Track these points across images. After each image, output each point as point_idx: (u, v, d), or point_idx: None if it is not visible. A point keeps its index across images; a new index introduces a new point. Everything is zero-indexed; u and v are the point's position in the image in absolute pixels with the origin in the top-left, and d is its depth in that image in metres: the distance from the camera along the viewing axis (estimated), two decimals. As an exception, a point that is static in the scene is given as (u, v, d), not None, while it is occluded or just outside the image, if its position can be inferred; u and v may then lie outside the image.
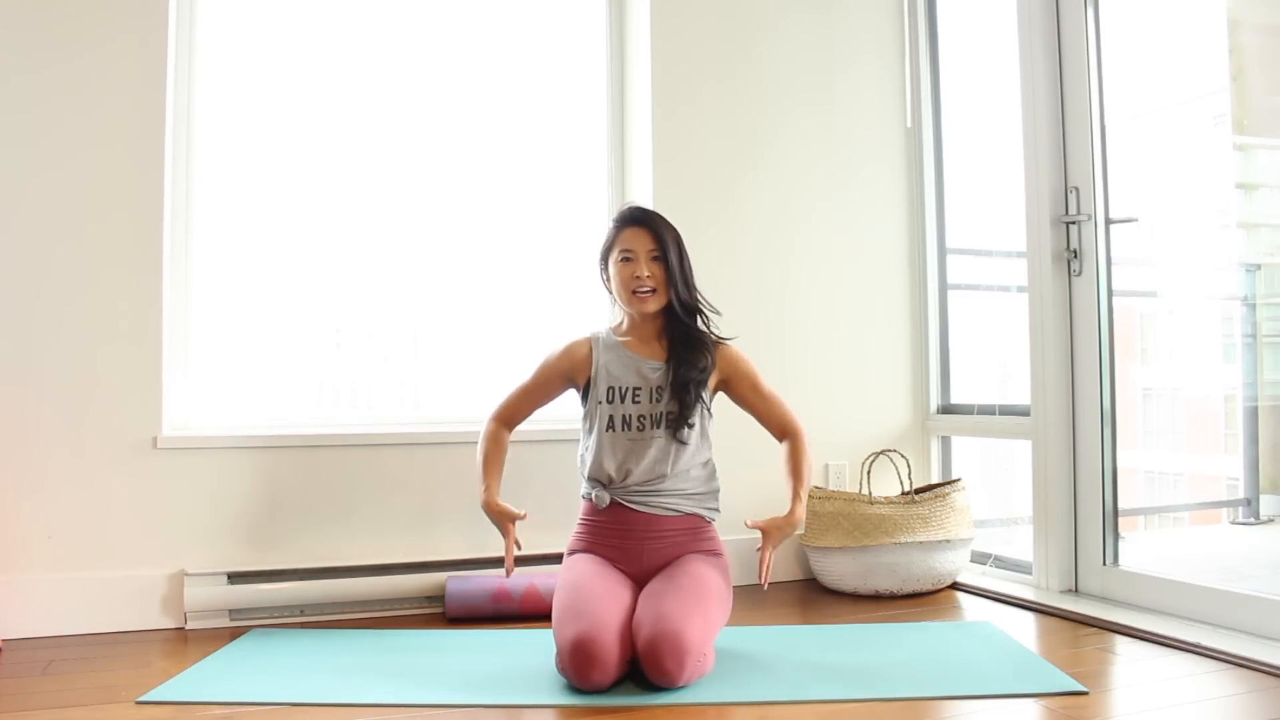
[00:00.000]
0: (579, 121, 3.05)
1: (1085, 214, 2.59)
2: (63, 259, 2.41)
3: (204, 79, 2.66)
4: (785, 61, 3.08)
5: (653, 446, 2.14)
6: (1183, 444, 3.07)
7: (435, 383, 2.89)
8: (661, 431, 2.15)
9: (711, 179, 2.98)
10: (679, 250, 2.22)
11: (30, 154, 2.39)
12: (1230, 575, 2.46)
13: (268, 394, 2.71)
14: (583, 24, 3.08)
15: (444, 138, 2.90)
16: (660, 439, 2.15)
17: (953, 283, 3.20)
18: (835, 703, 1.81)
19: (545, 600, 2.44)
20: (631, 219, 2.23)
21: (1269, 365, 2.68)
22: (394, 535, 2.63)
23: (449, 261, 2.89)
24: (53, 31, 2.41)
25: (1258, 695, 1.81)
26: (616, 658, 1.83)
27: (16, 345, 2.37)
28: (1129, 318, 2.90)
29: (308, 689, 1.90)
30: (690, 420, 2.15)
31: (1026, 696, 1.81)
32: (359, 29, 2.84)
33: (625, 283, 2.18)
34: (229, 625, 2.43)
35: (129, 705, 1.82)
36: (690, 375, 2.17)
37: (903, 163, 3.21)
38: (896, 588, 2.71)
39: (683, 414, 2.15)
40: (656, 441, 2.15)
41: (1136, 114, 2.85)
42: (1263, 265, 2.69)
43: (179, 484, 2.47)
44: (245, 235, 2.71)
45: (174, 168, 2.56)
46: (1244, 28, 2.74)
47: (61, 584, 2.36)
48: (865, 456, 2.98)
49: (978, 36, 3.19)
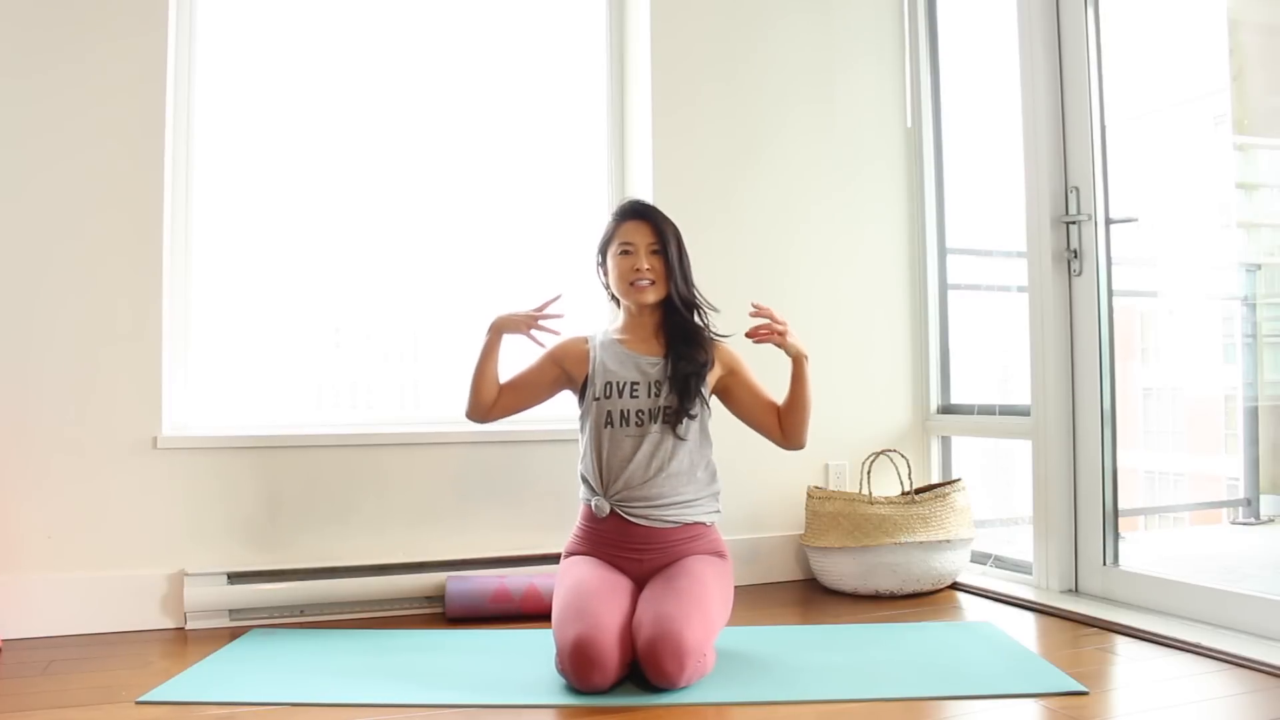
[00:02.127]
0: (579, 121, 3.05)
1: (1085, 214, 2.59)
2: (62, 258, 2.41)
3: (203, 79, 2.66)
4: (785, 61, 3.08)
5: (652, 443, 2.13)
6: (1183, 444, 3.07)
7: (435, 383, 2.89)
8: (660, 426, 2.14)
9: (711, 178, 2.98)
10: (678, 245, 2.21)
11: (29, 152, 2.39)
12: (1230, 575, 2.46)
13: (267, 394, 2.71)
14: (582, 24, 3.08)
15: (444, 137, 2.90)
16: (658, 434, 2.14)
17: (953, 283, 3.20)
18: (835, 703, 1.81)
19: (545, 600, 2.43)
20: (632, 212, 2.23)
21: (1269, 365, 2.68)
22: (393, 535, 2.63)
23: (448, 261, 2.89)
24: (52, 29, 2.41)
25: (1258, 695, 1.81)
26: (616, 659, 1.83)
27: (16, 345, 2.37)
28: (1129, 318, 2.90)
29: (308, 689, 1.90)
30: (690, 412, 2.14)
31: (1026, 696, 1.81)
32: (359, 27, 2.84)
33: (624, 274, 2.18)
34: (229, 625, 2.43)
35: (129, 705, 1.82)
36: (689, 369, 2.16)
37: (903, 163, 3.21)
38: (897, 588, 2.71)
39: (682, 407, 2.14)
40: (654, 437, 2.13)
41: (1136, 114, 2.85)
42: (1263, 265, 2.69)
43: (179, 484, 2.47)
44: (245, 235, 2.71)
45: (174, 166, 2.56)
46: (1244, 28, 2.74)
47: (61, 584, 2.36)
48: (865, 456, 2.98)
49: (978, 36, 3.19)
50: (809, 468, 3.01)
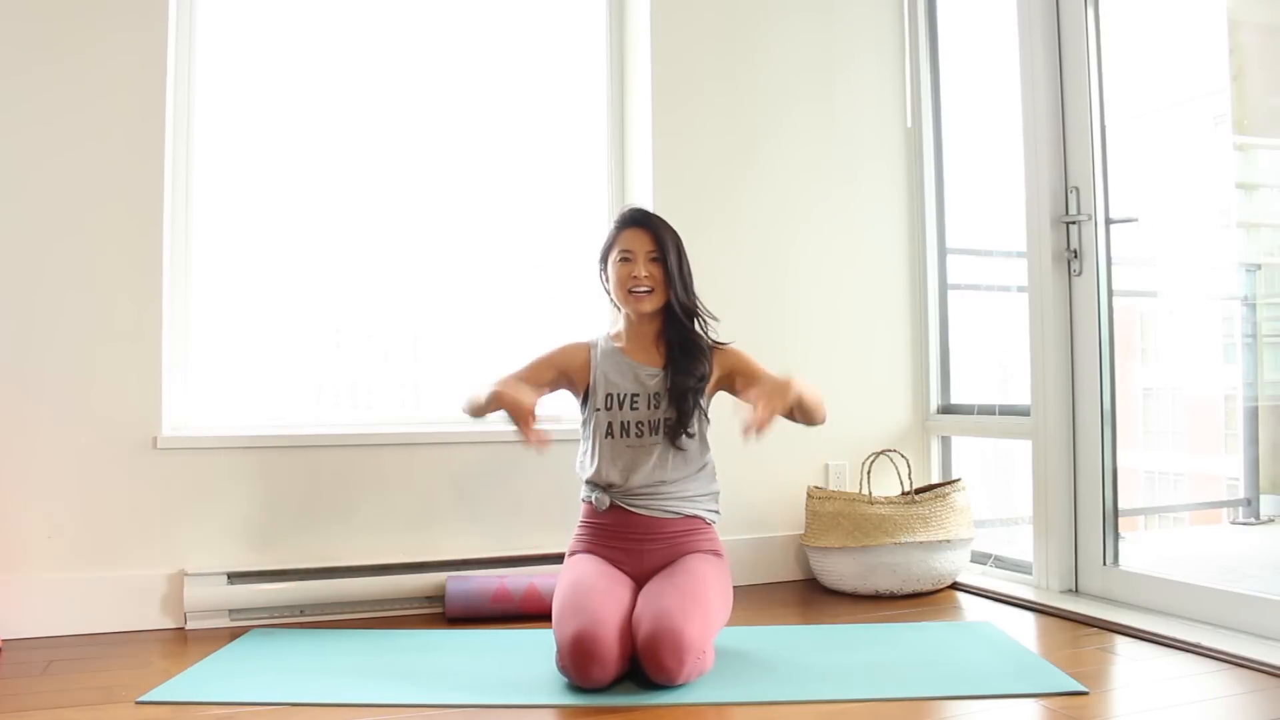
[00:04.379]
0: (578, 121, 3.05)
1: (1085, 214, 2.59)
2: (62, 257, 2.41)
3: (203, 78, 2.66)
4: (785, 60, 3.08)
5: (652, 454, 2.14)
6: (1183, 444, 3.07)
7: (435, 383, 2.89)
8: (660, 438, 2.16)
9: (711, 178, 2.98)
10: (678, 253, 2.22)
11: (28, 151, 2.39)
12: (1230, 575, 2.46)
13: (267, 394, 2.71)
14: (582, 24, 3.07)
15: (444, 137, 2.90)
16: (659, 445, 2.15)
17: (953, 283, 3.20)
18: (835, 703, 1.81)
19: (545, 600, 2.43)
20: (631, 220, 2.23)
21: (1269, 365, 2.68)
22: (393, 535, 2.63)
23: (449, 261, 2.89)
24: (51, 23, 2.41)
25: (1258, 695, 1.81)
26: (616, 654, 1.83)
27: (16, 345, 2.37)
28: (1129, 318, 2.90)
29: (308, 689, 1.90)
30: (689, 429, 2.16)
31: (1026, 696, 1.81)
32: (360, 26, 2.84)
33: (622, 282, 2.19)
34: (229, 625, 2.43)
35: (129, 705, 1.82)
36: (688, 383, 2.17)
37: (903, 162, 3.21)
38: (896, 588, 2.71)
39: (681, 421, 2.15)
40: (655, 448, 2.15)
41: (1136, 114, 2.85)
42: (1263, 265, 2.69)
43: (179, 484, 2.47)
44: (245, 234, 2.71)
45: (174, 165, 2.56)
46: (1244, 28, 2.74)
47: (61, 584, 2.36)
48: (865, 456, 2.98)
49: (978, 36, 3.19)
50: (809, 468, 3.01)
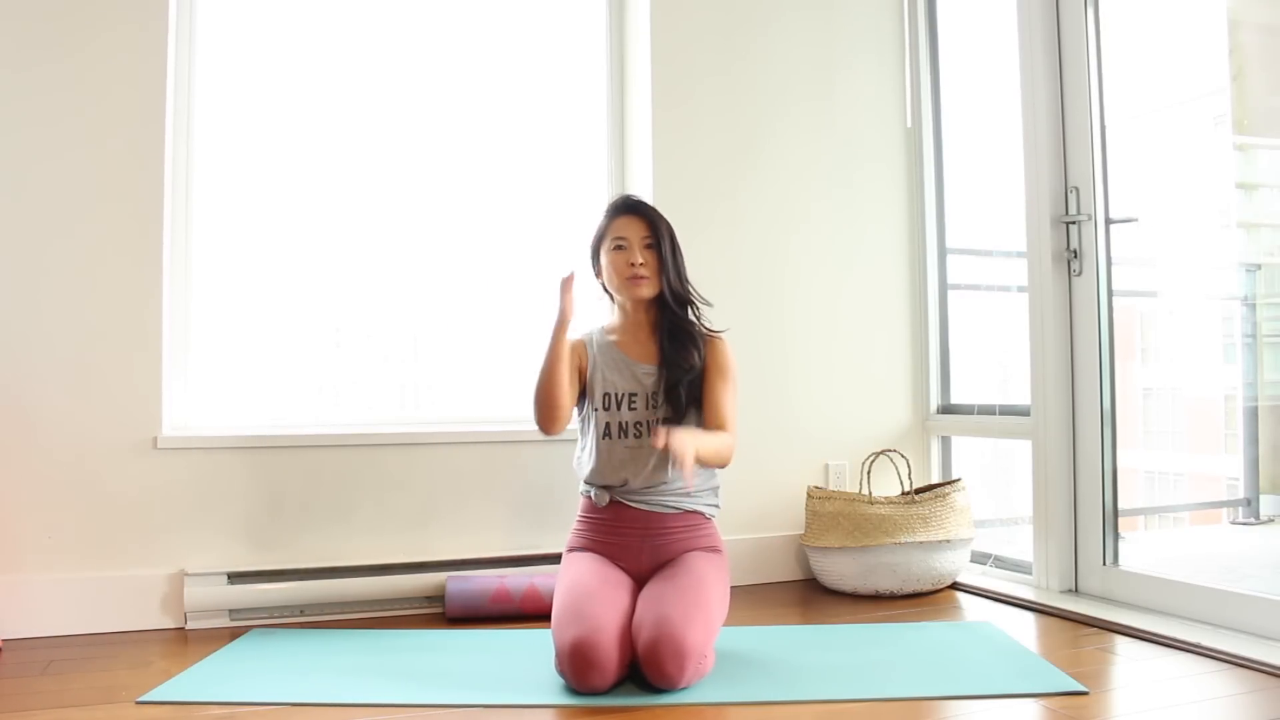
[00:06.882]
0: (578, 120, 3.05)
1: (1085, 214, 2.59)
2: (62, 257, 2.41)
3: (203, 77, 2.66)
4: (785, 59, 3.08)
5: (652, 455, 2.14)
6: (1183, 444, 3.07)
7: (434, 383, 2.89)
8: None
9: (711, 176, 2.98)
10: (671, 240, 2.22)
11: (27, 150, 2.39)
12: (1230, 575, 2.46)
13: (267, 394, 2.71)
14: (582, 21, 3.07)
15: (444, 136, 2.90)
16: None
17: (953, 283, 3.20)
18: (835, 703, 1.81)
19: (545, 600, 2.43)
20: (624, 207, 2.23)
21: (1269, 365, 2.68)
22: (393, 535, 2.63)
23: (449, 261, 2.89)
24: (51, 21, 2.41)
25: (1258, 695, 1.81)
26: (616, 661, 1.83)
27: (16, 344, 2.37)
28: (1129, 318, 2.90)
29: (308, 689, 1.90)
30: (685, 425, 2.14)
31: (1026, 696, 1.81)
32: (359, 25, 2.84)
33: (619, 269, 2.18)
34: (229, 625, 2.43)
35: (129, 705, 1.82)
36: (680, 377, 2.16)
37: (903, 162, 3.21)
38: (896, 588, 2.71)
39: (676, 420, 2.14)
40: (654, 450, 2.12)
41: (1136, 114, 2.85)
42: (1263, 265, 2.69)
43: (179, 484, 2.47)
44: (245, 234, 2.71)
45: (174, 164, 2.56)
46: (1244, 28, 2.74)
47: (61, 584, 2.36)
48: (865, 456, 2.98)
49: (978, 36, 3.19)
50: (809, 468, 3.02)
